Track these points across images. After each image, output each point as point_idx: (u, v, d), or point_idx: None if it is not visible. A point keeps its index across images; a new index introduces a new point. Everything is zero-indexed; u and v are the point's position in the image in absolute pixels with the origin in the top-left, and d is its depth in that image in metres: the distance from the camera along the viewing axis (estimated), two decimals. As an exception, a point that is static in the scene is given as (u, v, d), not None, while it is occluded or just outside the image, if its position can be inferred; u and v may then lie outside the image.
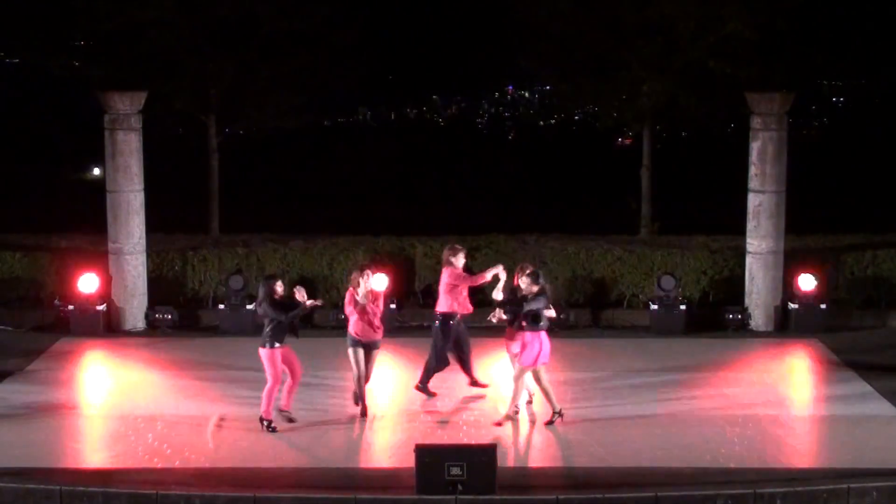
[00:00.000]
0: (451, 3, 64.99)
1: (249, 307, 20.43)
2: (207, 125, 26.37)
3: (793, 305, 20.59)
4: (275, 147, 50.69)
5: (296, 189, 46.14)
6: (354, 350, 15.82)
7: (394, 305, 20.39)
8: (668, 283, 20.59)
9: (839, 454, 14.50)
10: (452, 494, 12.79)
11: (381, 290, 16.19)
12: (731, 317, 20.71)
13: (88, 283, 20.28)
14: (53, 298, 21.04)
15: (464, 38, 71.88)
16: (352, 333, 15.85)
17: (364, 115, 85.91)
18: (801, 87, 23.00)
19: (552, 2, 24.92)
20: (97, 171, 46.87)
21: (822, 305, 20.56)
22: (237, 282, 20.68)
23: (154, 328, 20.71)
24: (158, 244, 21.86)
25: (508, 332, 15.97)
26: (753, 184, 20.78)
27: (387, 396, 16.86)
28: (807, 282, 20.54)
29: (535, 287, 15.29)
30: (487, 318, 15.99)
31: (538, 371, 15.36)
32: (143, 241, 20.91)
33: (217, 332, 20.59)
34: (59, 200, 40.21)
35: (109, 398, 16.83)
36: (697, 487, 13.09)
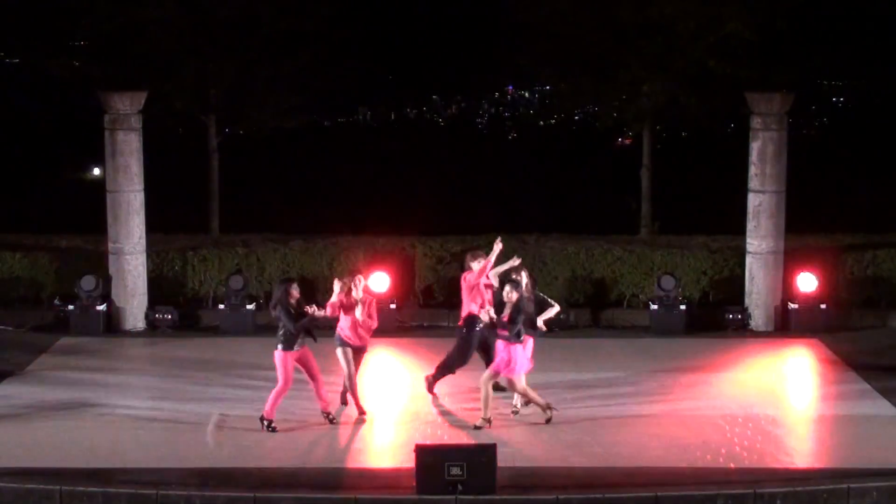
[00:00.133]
0: (452, 3, 64.99)
1: (249, 307, 20.46)
2: (207, 125, 26.35)
3: (793, 305, 20.60)
4: (275, 147, 50.58)
5: (296, 189, 46.07)
6: (343, 349, 15.70)
7: (393, 305, 20.38)
8: (668, 283, 20.58)
9: (839, 454, 14.51)
10: (452, 494, 12.78)
11: (376, 295, 15.96)
12: (732, 317, 20.71)
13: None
14: (53, 298, 21.06)
15: (464, 38, 71.84)
16: (340, 335, 15.75)
17: (364, 115, 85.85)
18: (801, 87, 23.01)
19: (552, 2, 24.91)
20: (97, 171, 46.81)
21: (823, 305, 20.58)
22: (237, 282, 20.68)
23: (154, 328, 20.71)
24: (158, 244, 21.86)
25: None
26: (753, 184, 20.79)
27: (387, 396, 16.86)
28: (807, 282, 20.55)
29: (515, 295, 15.01)
30: (479, 315, 15.89)
31: (513, 380, 15.12)
32: (143, 241, 20.90)
33: (217, 332, 20.58)
34: (59, 200, 40.19)
35: (109, 398, 16.81)
36: (697, 487, 13.09)
